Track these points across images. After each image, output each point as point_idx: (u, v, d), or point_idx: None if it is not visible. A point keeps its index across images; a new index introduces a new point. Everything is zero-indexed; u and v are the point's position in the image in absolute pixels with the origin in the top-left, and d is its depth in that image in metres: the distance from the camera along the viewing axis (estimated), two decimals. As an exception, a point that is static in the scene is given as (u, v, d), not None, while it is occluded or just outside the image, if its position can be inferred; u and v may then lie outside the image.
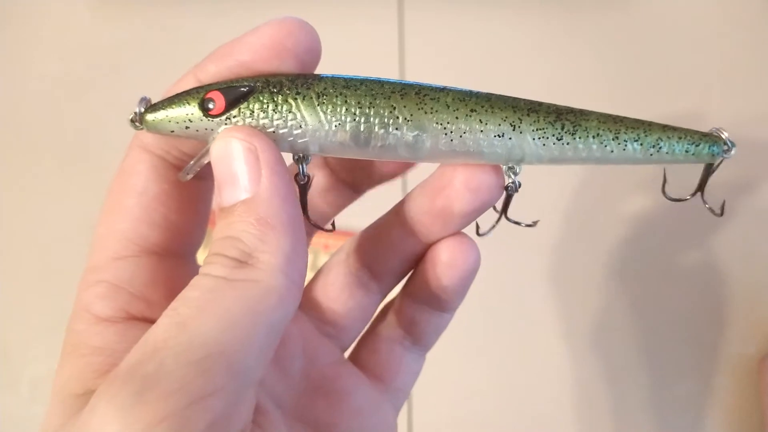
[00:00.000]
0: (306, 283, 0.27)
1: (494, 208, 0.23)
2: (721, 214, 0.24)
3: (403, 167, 0.23)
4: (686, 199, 0.24)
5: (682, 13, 0.62)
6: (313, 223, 0.24)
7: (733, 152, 0.22)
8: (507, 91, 0.21)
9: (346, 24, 0.62)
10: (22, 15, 0.63)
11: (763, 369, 0.48)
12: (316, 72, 0.21)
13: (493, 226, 0.23)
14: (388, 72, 0.59)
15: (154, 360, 0.16)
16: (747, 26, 0.61)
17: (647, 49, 0.61)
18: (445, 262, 0.24)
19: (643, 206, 0.54)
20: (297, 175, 0.21)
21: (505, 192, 0.22)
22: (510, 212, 0.23)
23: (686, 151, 0.22)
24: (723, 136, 0.22)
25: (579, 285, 0.53)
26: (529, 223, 0.24)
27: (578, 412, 0.50)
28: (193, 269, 0.19)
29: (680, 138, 0.22)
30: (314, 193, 0.25)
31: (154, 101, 0.20)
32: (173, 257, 0.22)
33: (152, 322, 0.17)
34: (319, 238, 0.51)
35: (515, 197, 0.23)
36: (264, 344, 0.17)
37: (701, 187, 0.23)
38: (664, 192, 0.24)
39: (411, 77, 0.59)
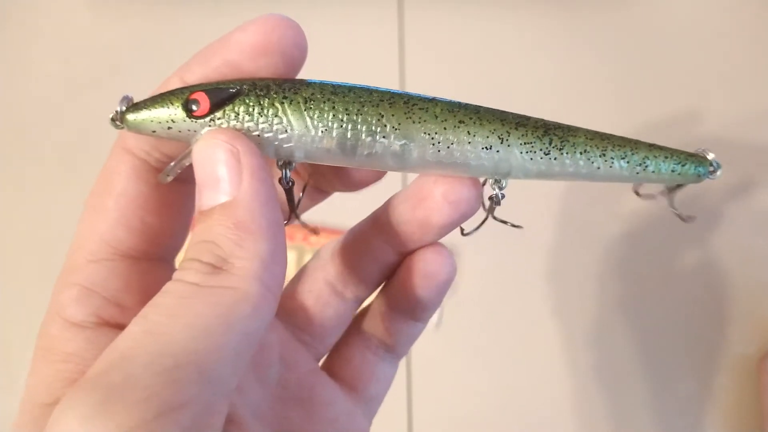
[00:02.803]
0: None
1: (483, 207, 0.23)
2: (688, 221, 0.24)
3: (376, 176, 0.23)
4: (654, 197, 0.24)
5: (682, 13, 0.62)
6: (303, 225, 0.24)
7: (718, 173, 0.22)
8: (507, 91, 0.21)
9: (346, 24, 0.62)
10: (22, 15, 0.63)
11: (763, 369, 0.48)
12: (307, 76, 0.21)
13: (477, 228, 0.23)
14: (388, 72, 0.59)
15: (120, 369, 0.15)
16: (747, 26, 0.61)
17: (647, 49, 0.61)
18: (421, 273, 0.24)
19: (641, 207, 0.54)
20: (280, 179, 0.21)
21: (489, 201, 0.22)
22: (507, 213, 0.23)
23: (672, 171, 0.22)
24: (709, 157, 0.22)
25: (578, 285, 0.53)
26: (515, 224, 0.24)
27: (578, 413, 0.50)
28: (170, 274, 0.19)
29: (666, 157, 0.22)
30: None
31: (136, 100, 0.20)
32: (150, 261, 0.21)
33: (124, 328, 0.17)
34: (318, 238, 0.51)
35: (512, 201, 0.22)
36: (237, 353, 0.17)
37: (671, 191, 0.23)
38: (635, 190, 0.24)
39: (411, 77, 0.59)
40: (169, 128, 0.19)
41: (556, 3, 0.62)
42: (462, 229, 0.24)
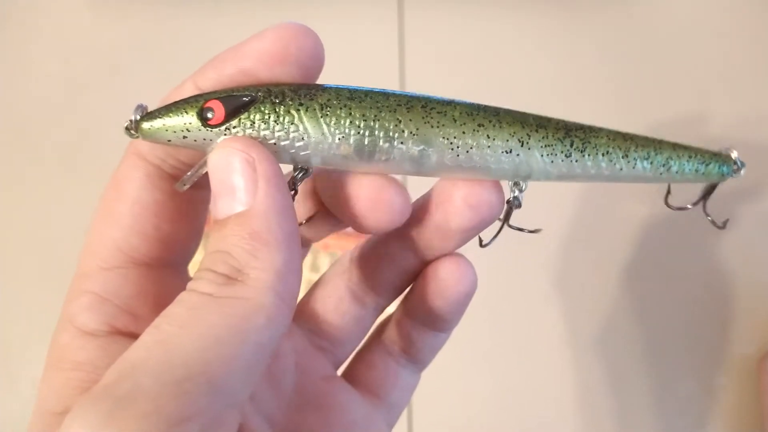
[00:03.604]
0: (302, 295, 0.27)
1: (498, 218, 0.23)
2: (723, 227, 0.24)
3: (391, 224, 0.21)
4: (687, 209, 0.23)
5: (682, 13, 0.62)
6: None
7: (742, 172, 0.22)
8: (507, 91, 0.21)
9: (346, 24, 0.62)
10: (22, 15, 0.63)
11: (763, 369, 0.48)
12: (319, 81, 0.20)
13: (494, 237, 0.23)
14: (388, 72, 0.59)
15: (130, 379, 0.15)
16: (747, 26, 0.61)
17: (648, 49, 0.61)
18: (440, 284, 0.23)
19: (644, 210, 0.54)
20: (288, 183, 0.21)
21: (506, 205, 0.22)
22: (513, 217, 0.23)
23: (696, 171, 0.21)
24: (733, 156, 0.22)
25: (580, 288, 0.53)
26: (532, 229, 0.23)
27: (579, 414, 0.50)
28: (184, 281, 0.19)
29: (690, 157, 0.21)
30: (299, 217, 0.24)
31: (150, 108, 0.20)
32: (164, 268, 0.21)
33: (137, 336, 0.17)
34: (338, 242, 0.51)
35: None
36: (250, 365, 0.16)
37: (704, 198, 0.23)
38: (666, 202, 0.24)
39: (411, 77, 0.59)
40: (184, 137, 0.19)
41: (556, 3, 0.62)
42: (480, 241, 0.24)
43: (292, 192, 0.21)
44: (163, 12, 0.62)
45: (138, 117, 0.19)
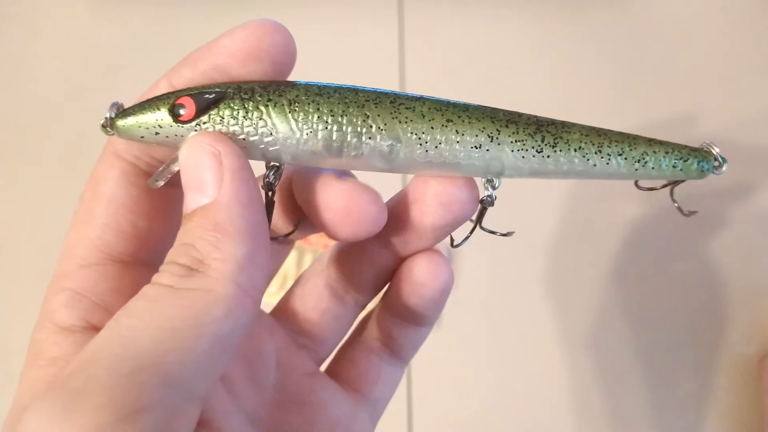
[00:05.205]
0: (283, 294, 0.27)
1: (470, 219, 0.23)
2: (688, 215, 0.23)
3: (364, 234, 0.21)
4: (656, 189, 0.23)
5: (682, 13, 0.62)
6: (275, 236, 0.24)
7: (724, 168, 0.21)
8: (507, 91, 0.21)
9: (346, 24, 0.62)
10: (22, 15, 0.63)
11: (763, 369, 0.48)
12: (306, 77, 0.20)
13: (466, 238, 0.23)
14: (388, 72, 0.59)
15: (85, 372, 0.15)
16: (747, 26, 0.61)
17: (647, 49, 0.61)
18: (414, 281, 0.23)
19: (642, 208, 0.54)
20: (263, 185, 0.21)
21: (480, 204, 0.22)
22: (508, 215, 0.23)
23: (674, 167, 0.21)
24: (714, 152, 0.21)
25: (579, 286, 0.53)
26: (504, 232, 0.23)
27: (578, 414, 0.50)
28: None
29: (667, 153, 0.21)
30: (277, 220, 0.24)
31: (126, 106, 0.20)
32: (141, 265, 0.21)
33: None
34: (319, 238, 0.51)
35: (509, 203, 0.22)
36: (208, 357, 0.16)
37: (673, 183, 0.22)
38: (636, 182, 0.23)
39: (411, 77, 0.59)
40: (156, 133, 0.19)
41: (556, 3, 0.62)
42: (452, 241, 0.23)
43: (270, 192, 0.21)
44: (163, 12, 0.62)
45: (113, 114, 0.20)
